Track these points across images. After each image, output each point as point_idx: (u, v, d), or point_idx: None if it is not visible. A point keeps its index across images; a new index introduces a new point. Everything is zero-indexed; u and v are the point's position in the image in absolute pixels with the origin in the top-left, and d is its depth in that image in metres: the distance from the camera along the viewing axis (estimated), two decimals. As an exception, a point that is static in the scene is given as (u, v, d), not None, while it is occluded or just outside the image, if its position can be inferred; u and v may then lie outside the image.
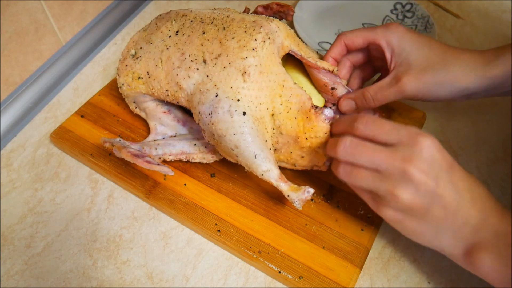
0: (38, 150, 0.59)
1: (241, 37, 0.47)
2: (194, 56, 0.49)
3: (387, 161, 0.39)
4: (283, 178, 0.46)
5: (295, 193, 0.45)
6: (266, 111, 0.47)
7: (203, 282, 0.48)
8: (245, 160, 0.47)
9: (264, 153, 0.46)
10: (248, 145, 0.46)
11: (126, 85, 0.54)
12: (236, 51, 0.47)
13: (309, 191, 0.45)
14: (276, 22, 0.49)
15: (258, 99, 0.46)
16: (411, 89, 0.48)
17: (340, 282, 0.46)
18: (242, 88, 0.46)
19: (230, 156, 0.49)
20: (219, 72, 0.47)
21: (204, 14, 0.52)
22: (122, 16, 0.76)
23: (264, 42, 0.47)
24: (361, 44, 0.51)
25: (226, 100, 0.46)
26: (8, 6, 0.57)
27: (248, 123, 0.45)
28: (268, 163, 0.46)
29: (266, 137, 0.47)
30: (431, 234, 0.41)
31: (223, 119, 0.46)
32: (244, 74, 0.46)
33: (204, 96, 0.47)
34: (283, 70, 0.48)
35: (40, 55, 0.65)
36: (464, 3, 0.81)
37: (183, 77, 0.49)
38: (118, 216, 0.53)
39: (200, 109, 0.47)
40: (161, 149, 0.53)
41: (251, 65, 0.46)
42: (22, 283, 0.48)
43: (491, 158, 0.59)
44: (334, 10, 0.76)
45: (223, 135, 0.46)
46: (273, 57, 0.47)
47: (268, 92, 0.47)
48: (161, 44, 0.52)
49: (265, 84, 0.47)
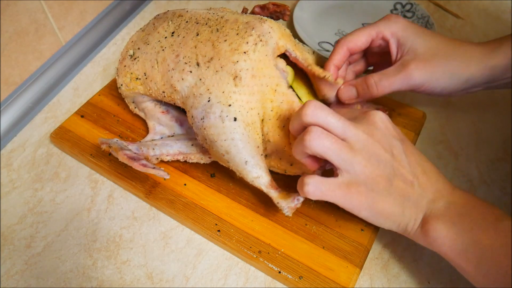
0: (38, 150, 0.59)
1: (233, 40, 0.47)
2: (188, 58, 0.49)
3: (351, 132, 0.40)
4: (273, 185, 0.46)
5: (285, 201, 0.45)
6: (257, 116, 0.47)
7: (203, 282, 0.48)
8: (235, 166, 0.47)
9: (255, 160, 0.46)
10: (239, 151, 0.46)
11: (125, 85, 0.54)
12: (227, 55, 0.46)
13: (298, 199, 0.45)
14: (269, 23, 0.49)
15: (249, 104, 0.46)
16: (418, 76, 0.48)
17: (340, 282, 0.46)
18: (234, 93, 0.45)
19: (222, 161, 0.49)
20: (211, 76, 0.47)
21: (199, 14, 0.52)
22: (122, 16, 0.76)
23: (255, 45, 0.47)
24: (365, 44, 0.50)
25: (218, 105, 0.45)
26: (8, 6, 0.57)
27: (239, 129, 0.45)
28: (258, 169, 0.46)
29: (258, 142, 0.47)
30: (398, 207, 0.41)
31: (215, 124, 0.45)
32: (235, 78, 0.46)
33: (197, 100, 0.47)
34: (277, 74, 0.47)
35: (40, 55, 0.65)
36: (464, 3, 0.81)
37: (177, 79, 0.49)
38: (118, 216, 0.53)
39: (193, 113, 0.47)
40: (158, 150, 0.53)
41: (242, 69, 0.46)
42: (22, 283, 0.48)
43: (491, 158, 0.59)
44: (334, 10, 0.76)
45: (214, 140, 0.46)
46: (267, 60, 0.47)
47: (259, 97, 0.46)
48: (157, 45, 0.52)
49: (256, 88, 0.46)
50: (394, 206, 0.41)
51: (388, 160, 0.40)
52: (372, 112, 0.41)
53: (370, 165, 0.39)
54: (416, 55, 0.48)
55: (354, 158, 0.39)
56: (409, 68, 0.47)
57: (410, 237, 0.43)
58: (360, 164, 0.39)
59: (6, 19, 0.57)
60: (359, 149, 0.39)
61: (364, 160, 0.39)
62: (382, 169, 0.40)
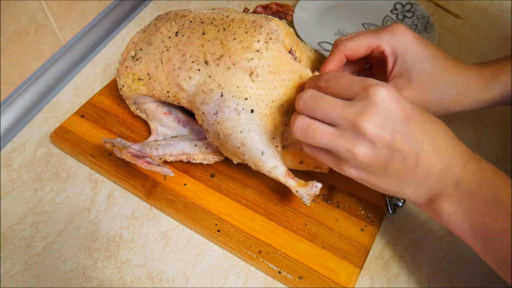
0: (38, 150, 0.59)
1: (242, 38, 0.47)
2: (195, 57, 0.49)
3: (342, 115, 0.38)
4: (290, 174, 0.46)
5: (304, 188, 0.45)
6: (277, 108, 0.47)
7: (203, 282, 0.48)
8: (251, 158, 0.47)
9: (271, 150, 0.46)
10: (255, 142, 0.46)
11: (127, 86, 0.54)
12: (239, 52, 0.47)
13: (317, 186, 0.45)
14: (275, 21, 0.49)
15: (270, 97, 0.46)
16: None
17: (340, 282, 0.46)
18: (251, 88, 0.46)
19: (236, 155, 0.49)
20: (222, 72, 0.47)
21: (204, 14, 0.52)
22: (122, 16, 0.76)
23: (267, 43, 0.47)
24: (364, 54, 0.48)
25: (232, 99, 0.46)
26: (8, 6, 0.57)
27: (255, 119, 0.46)
28: (274, 160, 0.46)
29: (274, 134, 0.47)
30: (395, 187, 0.40)
31: (229, 117, 0.46)
32: (251, 74, 0.46)
33: (208, 96, 0.47)
34: (297, 66, 0.47)
35: (40, 55, 0.65)
36: (464, 3, 0.81)
37: (184, 78, 0.49)
38: (118, 216, 0.53)
39: (204, 109, 0.47)
40: (161, 150, 0.53)
41: (258, 65, 0.46)
42: (22, 283, 0.48)
43: (491, 158, 0.59)
44: (334, 10, 0.76)
45: (229, 133, 0.46)
46: (282, 56, 0.47)
47: (283, 91, 0.46)
48: (161, 45, 0.52)
49: (278, 83, 0.46)
50: (390, 185, 0.40)
51: (384, 143, 0.37)
52: (373, 91, 0.37)
53: (361, 150, 0.38)
54: (409, 81, 0.47)
55: (342, 145, 0.38)
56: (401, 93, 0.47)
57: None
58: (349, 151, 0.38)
59: (6, 19, 0.57)
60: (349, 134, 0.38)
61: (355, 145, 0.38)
62: (375, 154, 0.38)
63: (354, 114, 0.37)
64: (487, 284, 0.48)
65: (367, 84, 0.38)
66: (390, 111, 0.37)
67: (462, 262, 0.49)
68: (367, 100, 0.37)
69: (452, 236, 0.51)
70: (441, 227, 0.52)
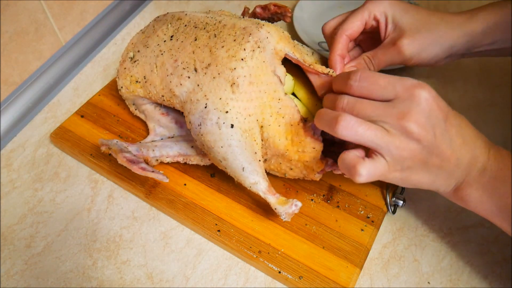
0: (38, 150, 0.59)
1: (230, 46, 0.47)
2: (186, 63, 0.49)
3: (385, 116, 0.39)
4: (271, 190, 0.46)
5: (282, 207, 0.45)
6: (255, 123, 0.46)
7: (203, 282, 0.48)
8: (233, 172, 0.47)
9: (252, 166, 0.46)
10: (236, 158, 0.46)
11: (125, 88, 0.54)
12: (225, 61, 0.46)
13: (296, 205, 0.45)
14: (267, 27, 0.48)
15: (247, 110, 0.46)
16: (407, 50, 0.50)
17: (340, 282, 0.46)
18: (231, 100, 0.45)
19: (220, 167, 0.49)
20: (209, 82, 0.47)
21: (198, 18, 0.52)
22: (122, 16, 0.76)
23: (253, 51, 0.46)
24: (361, 27, 0.52)
25: (214, 111, 0.45)
26: (8, 6, 0.57)
27: (236, 135, 0.45)
28: (255, 175, 0.46)
29: (255, 149, 0.47)
30: (428, 180, 0.42)
31: (211, 131, 0.46)
32: (233, 85, 0.45)
33: (194, 106, 0.47)
34: (274, 80, 0.47)
35: (40, 55, 0.65)
36: (464, 3, 0.81)
37: (176, 84, 0.49)
38: (118, 216, 0.53)
39: (191, 119, 0.47)
40: (158, 151, 0.53)
41: (240, 75, 0.45)
42: (22, 283, 0.48)
43: (491, 158, 0.59)
44: (334, 10, 0.76)
45: (211, 146, 0.46)
46: (264, 66, 0.46)
47: (258, 103, 0.46)
48: (156, 48, 0.52)
49: (254, 95, 0.46)
50: (426, 178, 0.42)
51: (428, 141, 0.40)
52: (417, 91, 0.39)
53: (408, 148, 0.39)
54: (403, 31, 0.51)
55: (391, 143, 0.39)
56: (398, 43, 0.51)
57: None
58: (397, 148, 0.39)
59: (6, 19, 0.57)
60: (395, 134, 0.39)
61: (402, 143, 0.39)
62: (419, 151, 0.40)
63: (399, 116, 0.39)
64: (487, 284, 0.48)
65: (410, 85, 0.40)
66: (431, 110, 0.40)
67: (462, 262, 0.49)
68: (411, 100, 0.39)
69: (452, 236, 0.51)
70: (441, 227, 0.52)
